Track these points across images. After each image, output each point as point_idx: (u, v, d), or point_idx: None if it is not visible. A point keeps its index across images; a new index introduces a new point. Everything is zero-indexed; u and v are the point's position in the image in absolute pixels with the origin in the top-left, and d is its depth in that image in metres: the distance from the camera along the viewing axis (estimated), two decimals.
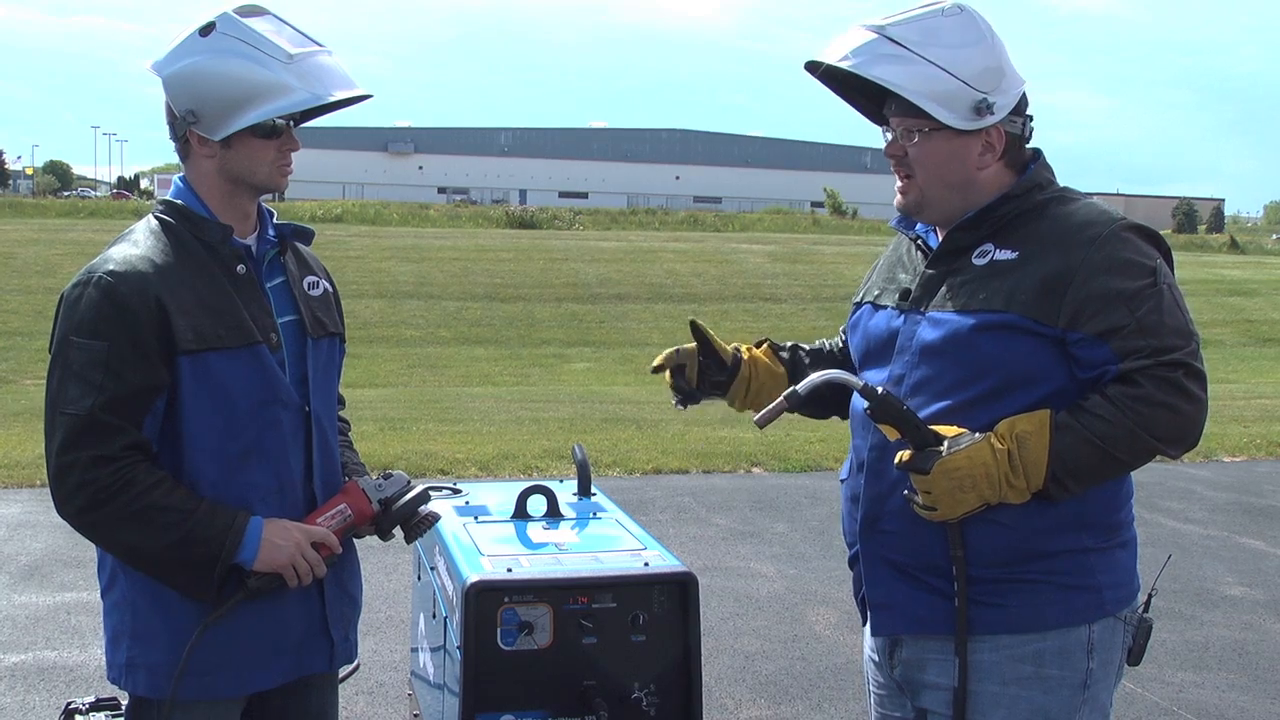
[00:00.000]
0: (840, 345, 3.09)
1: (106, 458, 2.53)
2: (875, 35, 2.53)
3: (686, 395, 3.00)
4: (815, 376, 2.56)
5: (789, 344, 3.10)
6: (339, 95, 2.69)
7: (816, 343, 3.14)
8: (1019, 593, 2.50)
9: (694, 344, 3.00)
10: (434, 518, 2.86)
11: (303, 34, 2.73)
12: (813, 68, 2.63)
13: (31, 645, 5.96)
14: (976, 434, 2.42)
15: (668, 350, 3.01)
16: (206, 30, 2.64)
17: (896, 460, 2.47)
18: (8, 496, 9.21)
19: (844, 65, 2.54)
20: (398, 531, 2.85)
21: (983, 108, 2.52)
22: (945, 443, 2.42)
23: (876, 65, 2.51)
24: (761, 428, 2.59)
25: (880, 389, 2.48)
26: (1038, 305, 2.44)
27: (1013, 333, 2.46)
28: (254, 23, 2.66)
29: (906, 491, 2.49)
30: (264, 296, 2.76)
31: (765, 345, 3.07)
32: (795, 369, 3.01)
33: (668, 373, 3.01)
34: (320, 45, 2.73)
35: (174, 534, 2.55)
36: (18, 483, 9.61)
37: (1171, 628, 6.50)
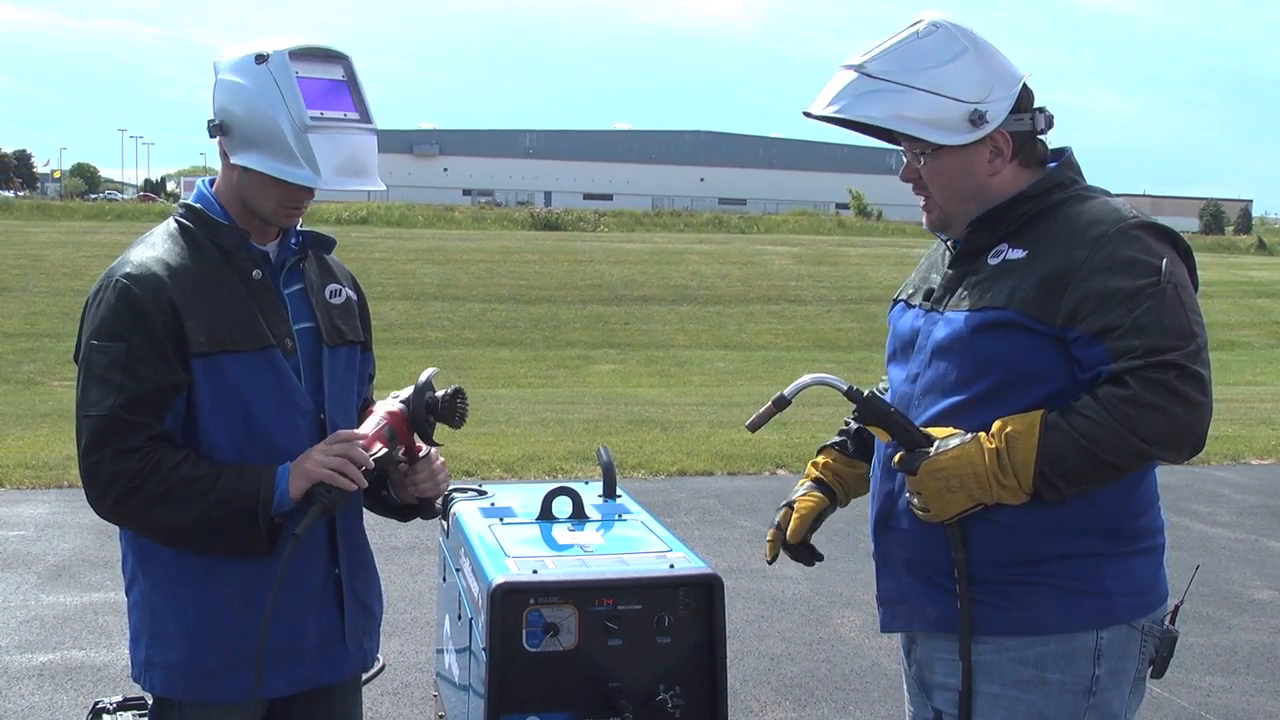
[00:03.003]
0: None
1: (130, 450, 2.56)
2: (855, 75, 2.57)
3: (804, 558, 3.06)
4: (802, 379, 2.62)
5: (838, 437, 3.04)
6: (334, 185, 2.62)
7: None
8: (1019, 595, 2.50)
9: (786, 512, 3.00)
10: (457, 392, 2.87)
11: (362, 100, 2.69)
12: (810, 115, 2.66)
13: (59, 645, 6.01)
14: (967, 434, 2.43)
15: (771, 537, 3.02)
16: (260, 59, 2.61)
17: (892, 462, 2.51)
18: (35, 497, 9.27)
19: (831, 113, 2.59)
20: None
21: (975, 118, 2.53)
22: (935, 444, 2.44)
23: (859, 105, 2.56)
24: (753, 431, 2.66)
25: (866, 391, 2.52)
26: (1038, 303, 2.44)
27: (1013, 330, 2.46)
28: (306, 69, 2.63)
29: (906, 493, 2.52)
30: (280, 302, 2.78)
31: (824, 453, 3.04)
32: (864, 451, 2.96)
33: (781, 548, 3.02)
34: (367, 123, 2.68)
35: (207, 499, 2.57)
36: (45, 483, 9.68)
37: (1199, 632, 6.47)
